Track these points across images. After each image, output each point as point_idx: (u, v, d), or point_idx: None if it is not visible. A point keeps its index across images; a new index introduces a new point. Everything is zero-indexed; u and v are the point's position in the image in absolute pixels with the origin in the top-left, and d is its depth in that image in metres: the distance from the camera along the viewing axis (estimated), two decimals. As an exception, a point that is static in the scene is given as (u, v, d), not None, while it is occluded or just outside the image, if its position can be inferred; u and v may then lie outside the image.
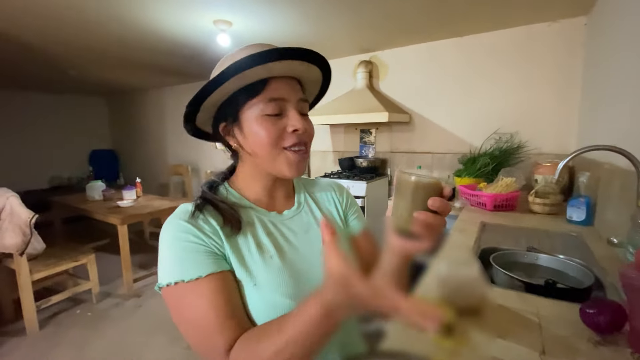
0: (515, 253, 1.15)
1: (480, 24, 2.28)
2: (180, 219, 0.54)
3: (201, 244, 0.52)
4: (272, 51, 0.52)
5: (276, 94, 0.55)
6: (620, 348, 0.67)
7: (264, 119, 0.55)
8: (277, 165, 0.57)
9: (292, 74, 0.58)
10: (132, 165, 5.80)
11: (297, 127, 0.55)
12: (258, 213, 0.60)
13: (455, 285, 0.83)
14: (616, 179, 1.27)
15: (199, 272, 0.49)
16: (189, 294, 0.49)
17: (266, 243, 0.57)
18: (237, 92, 0.57)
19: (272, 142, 0.55)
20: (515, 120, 2.34)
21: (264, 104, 0.55)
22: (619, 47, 1.48)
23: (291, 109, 0.56)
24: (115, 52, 2.86)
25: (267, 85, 0.55)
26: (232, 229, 0.55)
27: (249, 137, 0.57)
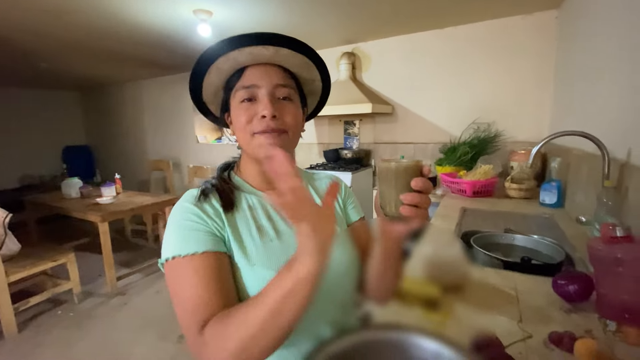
0: (493, 235, 1.22)
1: (459, 16, 2.33)
2: (187, 201, 0.56)
3: (202, 224, 0.53)
4: (226, 40, 0.54)
5: (248, 82, 0.57)
6: (589, 314, 0.74)
7: (239, 105, 0.57)
8: (253, 149, 0.58)
9: (263, 61, 0.58)
10: (108, 161, 5.61)
11: (263, 112, 0.55)
12: (260, 197, 0.62)
13: (440, 264, 0.88)
14: (584, 163, 1.36)
15: (195, 248, 0.51)
16: (183, 268, 0.50)
17: (266, 226, 0.59)
18: (226, 83, 0.61)
19: (243, 127, 0.57)
20: (492, 110, 2.43)
21: (240, 90, 0.57)
22: (587, 39, 1.56)
23: (262, 94, 0.56)
24: (90, 43, 2.74)
25: (243, 74, 0.58)
26: (227, 209, 0.57)
27: (234, 123, 0.60)
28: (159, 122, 4.80)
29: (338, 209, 0.71)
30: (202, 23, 2.09)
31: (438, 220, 1.49)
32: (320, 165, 2.80)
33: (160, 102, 4.69)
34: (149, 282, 2.85)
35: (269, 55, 0.56)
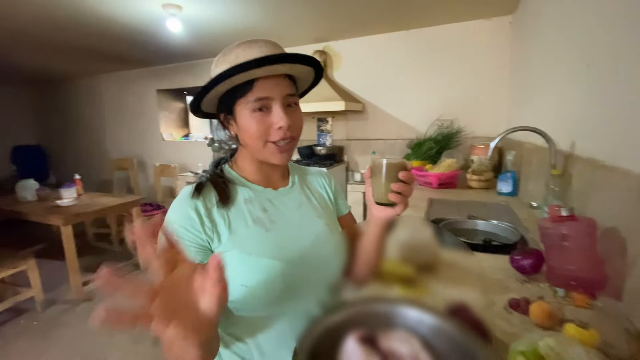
0: (458, 221, 1.34)
1: (424, 19, 2.47)
2: (187, 199, 0.60)
3: (192, 233, 0.58)
4: (254, 61, 0.56)
5: (262, 94, 0.59)
6: (541, 283, 0.85)
7: (252, 115, 0.60)
8: (265, 155, 0.63)
9: (276, 73, 0.62)
10: (64, 161, 5.24)
11: (280, 124, 0.60)
12: (256, 191, 0.66)
13: (414, 247, 0.96)
14: (535, 155, 1.52)
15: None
16: None
17: (262, 218, 0.63)
18: (232, 88, 0.62)
19: (259, 137, 0.61)
20: (454, 107, 2.61)
21: (252, 102, 0.60)
22: (537, 43, 1.74)
23: (276, 106, 0.60)
24: (44, 35, 2.56)
25: (255, 85, 0.60)
26: (223, 203, 0.61)
27: (241, 129, 0.62)
28: (120, 119, 4.56)
29: (328, 201, 0.77)
30: (171, 18, 2.04)
31: (408, 210, 1.59)
32: (295, 161, 2.83)
33: (122, 98, 4.46)
34: (118, 286, 2.73)
35: (284, 70, 0.61)
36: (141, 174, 4.45)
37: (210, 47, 3.10)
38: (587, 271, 0.80)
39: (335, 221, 0.76)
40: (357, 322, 0.60)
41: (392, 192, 0.57)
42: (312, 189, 0.76)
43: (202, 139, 4.07)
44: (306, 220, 0.69)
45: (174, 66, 3.88)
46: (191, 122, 4.55)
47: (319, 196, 0.76)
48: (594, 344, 0.58)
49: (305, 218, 0.69)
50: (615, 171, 0.81)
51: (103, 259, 3.30)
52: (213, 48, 3.13)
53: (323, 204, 0.75)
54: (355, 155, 3.04)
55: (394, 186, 0.57)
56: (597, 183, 0.91)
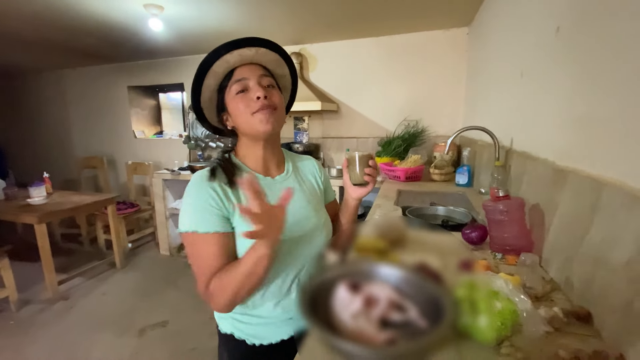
0: (422, 207, 1.56)
1: (391, 27, 2.69)
2: (202, 181, 0.72)
3: (215, 207, 0.70)
4: (221, 46, 0.72)
5: (239, 76, 0.74)
6: (485, 251, 1.07)
7: (236, 97, 0.74)
8: (254, 126, 0.73)
9: (249, 61, 0.76)
10: (24, 160, 4.96)
11: (257, 94, 0.72)
12: (257, 177, 0.80)
13: (386, 225, 1.15)
14: (485, 151, 1.78)
15: (210, 228, 0.69)
16: (200, 241, 0.69)
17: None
18: (219, 87, 0.77)
19: (245, 111, 0.73)
20: (419, 109, 2.86)
21: (234, 85, 0.74)
22: (486, 53, 2.00)
23: (252, 82, 0.73)
24: (7, 27, 2.48)
25: (234, 73, 0.75)
26: (232, 185, 0.74)
27: (232, 115, 0.76)
28: (88, 116, 4.41)
29: (317, 188, 0.92)
30: (153, 17, 2.10)
31: (381, 200, 1.79)
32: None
33: (89, 94, 4.31)
34: (93, 285, 2.72)
35: (251, 54, 0.74)
36: (111, 173, 4.34)
37: (187, 45, 3.14)
38: (518, 238, 1.02)
39: (321, 205, 0.91)
40: (345, 276, 0.77)
41: (365, 175, 0.82)
42: (303, 177, 0.91)
43: (176, 137, 4.06)
44: (298, 204, 0.83)
45: (146, 62, 3.83)
46: (164, 120, 4.50)
47: (308, 183, 0.91)
48: (517, 285, 0.79)
49: (297, 203, 0.83)
50: (537, 160, 1.04)
51: (73, 259, 3.22)
52: (190, 46, 3.17)
53: (312, 190, 0.90)
54: (331, 152, 3.22)
55: (366, 170, 0.81)
56: (527, 170, 1.14)
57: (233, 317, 0.79)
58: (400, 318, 0.69)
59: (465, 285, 0.69)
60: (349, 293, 0.71)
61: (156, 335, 2.05)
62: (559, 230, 0.86)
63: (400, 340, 0.62)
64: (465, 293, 0.67)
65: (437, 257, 1.01)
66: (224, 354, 0.83)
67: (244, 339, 0.78)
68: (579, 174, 0.77)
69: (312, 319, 0.60)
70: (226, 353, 0.83)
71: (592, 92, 0.76)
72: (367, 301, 0.70)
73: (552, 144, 0.97)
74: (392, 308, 0.71)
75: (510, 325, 0.62)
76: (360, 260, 0.85)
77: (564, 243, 0.83)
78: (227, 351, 0.82)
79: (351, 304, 0.68)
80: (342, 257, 0.96)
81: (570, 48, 0.89)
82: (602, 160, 0.71)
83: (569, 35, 0.90)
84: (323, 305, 0.70)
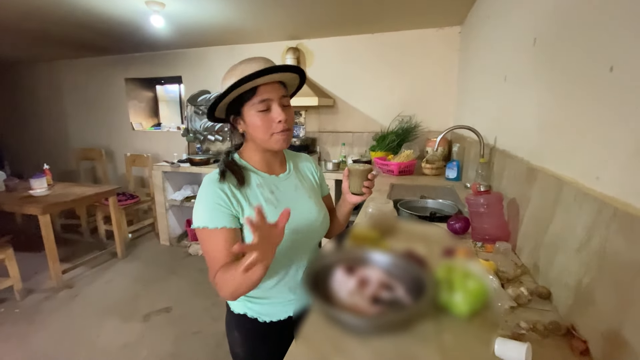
0: (413, 200, 1.67)
1: (386, 25, 2.76)
2: (214, 182, 0.81)
3: (225, 207, 0.79)
4: (256, 72, 0.77)
5: (264, 96, 0.80)
6: (467, 240, 1.18)
7: (257, 114, 0.81)
8: (271, 144, 0.85)
9: (272, 80, 0.83)
10: (20, 151, 4.96)
11: (280, 118, 0.81)
12: (263, 177, 0.88)
13: (379, 216, 1.26)
14: (472, 147, 1.89)
15: (218, 224, 0.78)
16: (209, 235, 0.79)
17: (271, 198, 0.86)
18: (239, 95, 0.83)
19: (265, 130, 0.82)
20: (412, 105, 2.96)
21: (256, 103, 0.81)
22: (476, 53, 2.10)
23: (274, 105, 0.81)
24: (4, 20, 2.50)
25: (257, 90, 0.81)
26: (241, 184, 0.83)
27: (249, 126, 0.84)
28: (85, 107, 4.42)
29: (313, 182, 1.02)
30: (154, 14, 2.14)
31: (375, 193, 1.90)
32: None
33: (86, 86, 4.32)
34: (97, 274, 2.81)
35: (278, 77, 0.83)
36: (109, 164, 4.38)
37: (186, 39, 3.17)
38: (497, 229, 1.14)
39: (320, 199, 1.01)
40: (342, 261, 0.87)
41: (364, 187, 0.93)
42: (303, 174, 1.01)
43: (174, 129, 4.11)
44: (301, 200, 0.92)
45: (143, 55, 3.85)
46: (161, 112, 4.53)
47: (308, 180, 1.01)
48: (491, 270, 0.91)
49: (300, 198, 0.93)
50: (514, 158, 1.16)
51: (75, 249, 3.30)
52: (189, 40, 3.20)
53: (311, 186, 1.00)
54: (327, 146, 3.31)
55: (365, 183, 0.93)
56: (507, 167, 1.26)
57: (245, 299, 0.89)
58: (389, 296, 0.81)
59: (444, 267, 0.81)
60: (346, 275, 0.82)
61: (161, 320, 2.16)
62: (529, 222, 0.98)
63: (387, 312, 0.73)
64: (444, 274, 0.79)
65: (423, 245, 1.13)
66: (234, 331, 0.93)
67: (256, 317, 0.89)
68: (546, 173, 0.88)
69: (315, 295, 0.71)
70: (237, 331, 0.92)
71: (558, 99, 0.87)
72: (360, 281, 0.82)
73: (527, 145, 1.08)
74: (382, 287, 0.83)
75: (481, 301, 0.74)
76: (356, 248, 0.96)
77: (533, 232, 0.94)
78: (238, 329, 0.92)
79: (347, 284, 0.80)
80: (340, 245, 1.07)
81: (545, 58, 0.99)
82: (562, 161, 0.82)
83: (545, 47, 1.00)
84: (323, 285, 0.81)
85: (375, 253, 0.91)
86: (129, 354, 1.89)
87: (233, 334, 0.94)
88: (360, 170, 0.91)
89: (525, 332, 0.68)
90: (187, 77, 3.75)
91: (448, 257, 1.03)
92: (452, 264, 0.80)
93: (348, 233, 1.08)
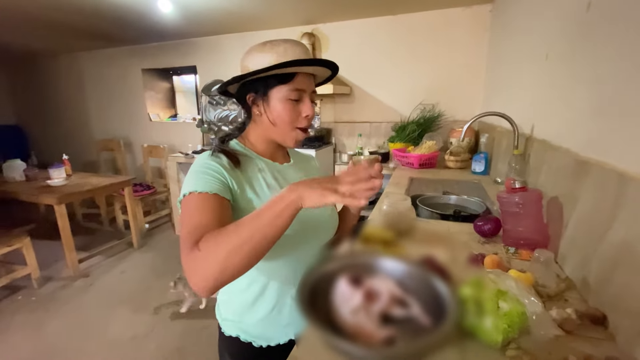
0: (434, 196, 1.51)
1: (408, 4, 2.55)
2: (207, 158, 0.70)
3: (217, 174, 0.67)
4: (311, 60, 0.70)
5: (300, 86, 0.72)
6: (497, 244, 1.02)
7: (287, 102, 0.72)
8: (286, 138, 0.76)
9: (312, 72, 0.75)
10: (45, 142, 5.13)
11: (308, 113, 0.74)
12: (266, 163, 0.79)
13: (394, 215, 1.12)
14: (504, 137, 1.69)
15: (208, 188, 0.64)
16: (195, 200, 0.63)
17: (273, 183, 0.76)
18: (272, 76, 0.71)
19: (290, 121, 0.73)
20: (436, 92, 2.75)
21: (290, 91, 0.71)
22: (511, 33, 1.87)
23: (307, 98, 0.74)
24: (22, 12, 2.49)
25: (295, 78, 0.71)
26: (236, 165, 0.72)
27: (273, 111, 0.73)
28: (104, 98, 4.48)
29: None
30: (162, -2, 2.06)
31: (391, 188, 1.75)
32: (283, 143, 2.94)
33: (105, 77, 4.36)
34: (112, 264, 2.83)
35: (319, 70, 0.75)
36: (128, 155, 4.43)
37: (199, 27, 3.09)
38: (534, 233, 0.97)
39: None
40: (347, 269, 0.75)
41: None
42: (308, 169, 0.91)
43: (190, 120, 4.08)
44: None
45: (159, 45, 3.82)
46: (178, 103, 4.52)
47: (313, 175, 0.90)
48: (529, 283, 0.75)
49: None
50: (558, 150, 0.97)
51: (93, 238, 3.36)
52: (202, 27, 3.12)
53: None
54: (343, 137, 3.16)
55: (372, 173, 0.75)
56: (547, 160, 1.08)
57: (239, 319, 0.78)
58: (402, 314, 0.66)
59: (471, 283, 0.66)
60: (350, 287, 0.69)
61: (170, 314, 2.13)
62: (577, 226, 0.81)
63: (400, 338, 0.60)
64: (471, 291, 0.64)
65: (445, 250, 0.97)
66: (225, 355, 0.82)
67: (251, 342, 0.77)
68: (603, 167, 0.71)
69: (310, 315, 0.58)
70: (228, 355, 0.81)
71: (624, 78, 0.69)
72: (367, 295, 0.67)
73: (576, 134, 0.90)
74: (393, 303, 0.68)
75: (518, 327, 0.59)
76: (364, 252, 0.82)
77: (583, 239, 0.77)
78: (229, 354, 0.81)
79: (351, 298, 0.66)
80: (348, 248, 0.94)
81: (602, 27, 0.80)
82: (629, 154, 0.65)
83: (602, 10, 0.81)
84: (323, 299, 0.68)
85: (386, 259, 0.77)
86: (137, 346, 1.87)
87: (224, 357, 0.83)
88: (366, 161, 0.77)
89: (577, 371, 0.53)
90: (201, 66, 3.68)
91: (476, 266, 0.88)
92: (481, 278, 0.66)
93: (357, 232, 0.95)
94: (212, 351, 1.81)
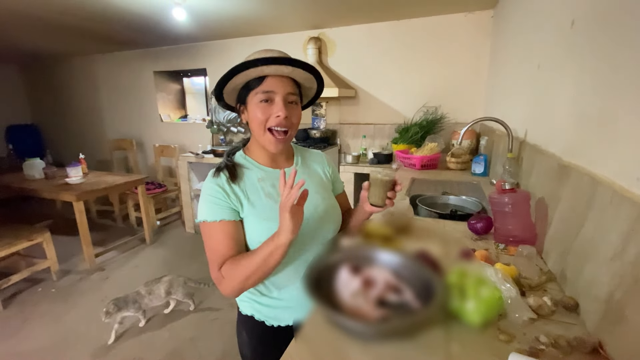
0: (434, 196, 1.59)
1: (413, 10, 2.62)
2: (212, 181, 0.80)
3: (223, 201, 0.78)
4: (260, 59, 0.74)
5: (268, 88, 0.77)
6: (489, 241, 1.11)
7: (258, 104, 0.78)
8: (264, 141, 0.81)
9: (282, 74, 0.79)
10: (60, 141, 5.30)
11: (278, 113, 0.76)
12: (266, 172, 0.86)
13: (393, 214, 1.20)
14: (501, 140, 1.76)
15: (217, 217, 0.77)
16: (209, 228, 0.78)
17: (272, 193, 0.83)
18: (247, 83, 0.80)
19: (261, 122, 0.78)
20: (438, 95, 2.82)
21: (260, 93, 0.78)
22: (510, 39, 1.94)
23: (278, 98, 0.77)
24: (39, 16, 2.62)
25: (264, 81, 0.78)
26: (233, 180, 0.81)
27: (250, 115, 0.81)
28: (117, 99, 4.63)
29: (323, 178, 0.97)
30: (176, 7, 2.17)
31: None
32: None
33: (117, 79, 4.51)
34: (126, 258, 2.96)
35: (287, 71, 0.78)
36: (140, 154, 4.58)
37: (209, 31, 3.20)
38: (522, 231, 1.05)
39: (330, 195, 0.96)
40: (348, 260, 0.84)
41: (387, 199, 0.85)
42: (312, 169, 0.96)
43: (200, 121, 4.21)
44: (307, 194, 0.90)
45: (170, 48, 3.95)
46: (188, 104, 4.65)
47: (316, 175, 0.96)
48: (513, 275, 0.84)
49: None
50: (545, 154, 1.05)
51: (107, 234, 3.49)
52: (212, 31, 3.23)
53: (320, 181, 0.95)
54: (348, 138, 3.25)
55: (389, 194, 0.85)
56: (536, 163, 1.15)
57: (254, 299, 0.87)
58: (396, 299, 0.76)
59: (456, 272, 0.75)
60: (350, 274, 0.79)
61: (181, 306, 2.24)
62: (558, 224, 0.89)
63: (393, 318, 0.69)
64: (456, 279, 0.73)
65: (438, 246, 1.06)
66: (242, 332, 0.92)
67: (264, 320, 0.87)
68: (580, 171, 0.79)
69: (315, 296, 0.68)
70: (245, 332, 0.91)
71: (598, 89, 0.77)
72: (365, 282, 0.77)
73: (561, 139, 0.98)
74: (389, 289, 0.78)
75: (496, 310, 0.68)
76: (365, 246, 0.92)
77: (562, 236, 0.86)
78: (245, 330, 0.91)
79: (351, 283, 0.76)
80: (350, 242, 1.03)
81: (585, 42, 0.88)
82: (599, 158, 0.73)
83: (585, 29, 0.89)
84: (326, 285, 0.78)
85: (384, 252, 0.86)
86: (152, 335, 1.98)
87: (242, 335, 0.93)
88: (383, 182, 0.84)
89: (545, 348, 0.62)
90: (211, 69, 3.80)
91: (464, 261, 0.97)
92: (466, 268, 0.74)
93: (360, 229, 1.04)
94: (223, 340, 1.93)
